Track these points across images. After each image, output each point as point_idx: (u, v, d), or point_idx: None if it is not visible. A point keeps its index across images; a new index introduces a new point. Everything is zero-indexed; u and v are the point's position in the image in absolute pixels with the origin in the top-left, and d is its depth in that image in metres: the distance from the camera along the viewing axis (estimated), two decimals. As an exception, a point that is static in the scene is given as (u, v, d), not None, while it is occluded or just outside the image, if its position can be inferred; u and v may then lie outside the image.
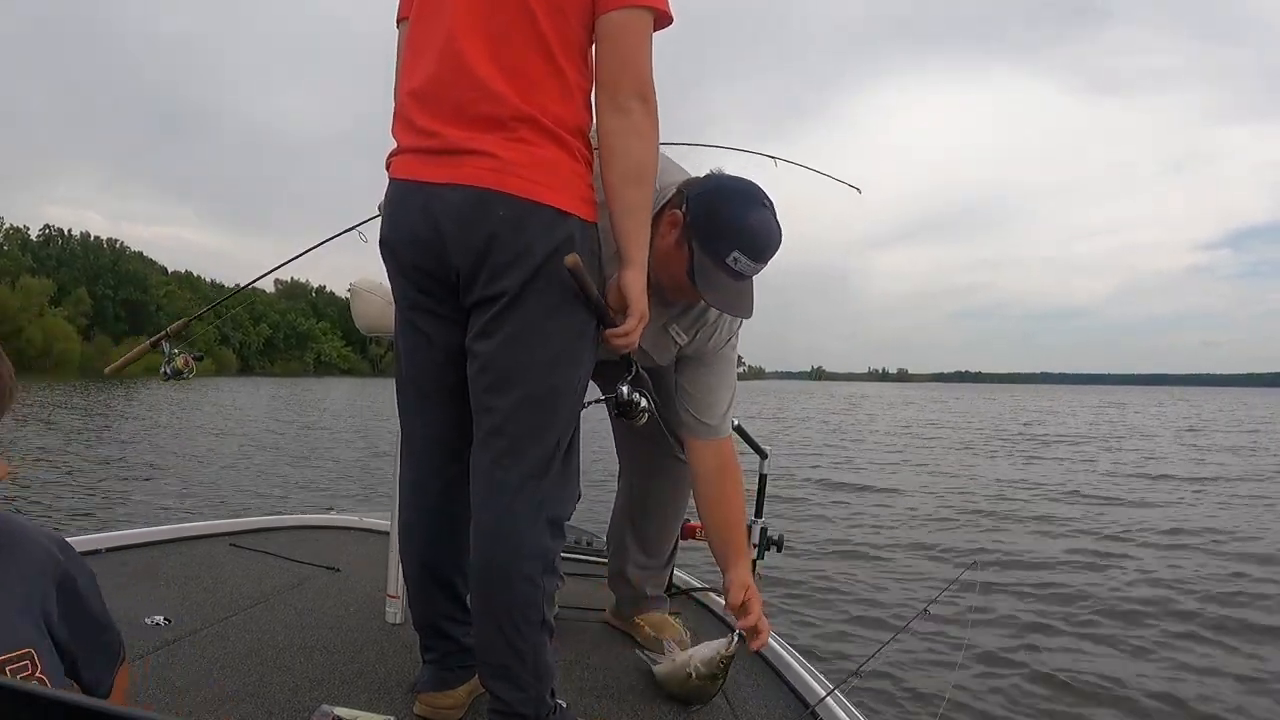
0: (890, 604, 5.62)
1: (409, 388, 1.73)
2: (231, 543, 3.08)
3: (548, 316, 1.54)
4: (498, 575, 1.57)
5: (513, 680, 1.58)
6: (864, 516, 9.27)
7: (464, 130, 1.51)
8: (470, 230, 1.51)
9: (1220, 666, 4.56)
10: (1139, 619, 5.39)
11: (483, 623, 1.60)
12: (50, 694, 0.37)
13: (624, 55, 1.52)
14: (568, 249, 1.50)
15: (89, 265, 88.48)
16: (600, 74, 1.54)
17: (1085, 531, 8.50)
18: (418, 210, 1.55)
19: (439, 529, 1.74)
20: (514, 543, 1.56)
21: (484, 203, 1.50)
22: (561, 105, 1.54)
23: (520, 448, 1.57)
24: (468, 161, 1.50)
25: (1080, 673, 4.40)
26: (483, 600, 1.60)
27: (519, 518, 1.57)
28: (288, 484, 10.74)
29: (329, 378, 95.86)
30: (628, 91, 1.51)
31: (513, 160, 1.49)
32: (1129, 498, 10.86)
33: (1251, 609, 5.65)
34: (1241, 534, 8.39)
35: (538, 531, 1.58)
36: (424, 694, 1.79)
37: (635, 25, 1.52)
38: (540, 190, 1.50)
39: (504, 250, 1.50)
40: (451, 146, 1.52)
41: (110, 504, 8.70)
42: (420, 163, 1.56)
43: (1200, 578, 6.51)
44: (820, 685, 2.02)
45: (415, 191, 1.56)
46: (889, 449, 18.51)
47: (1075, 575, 6.57)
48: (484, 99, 1.50)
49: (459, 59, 1.52)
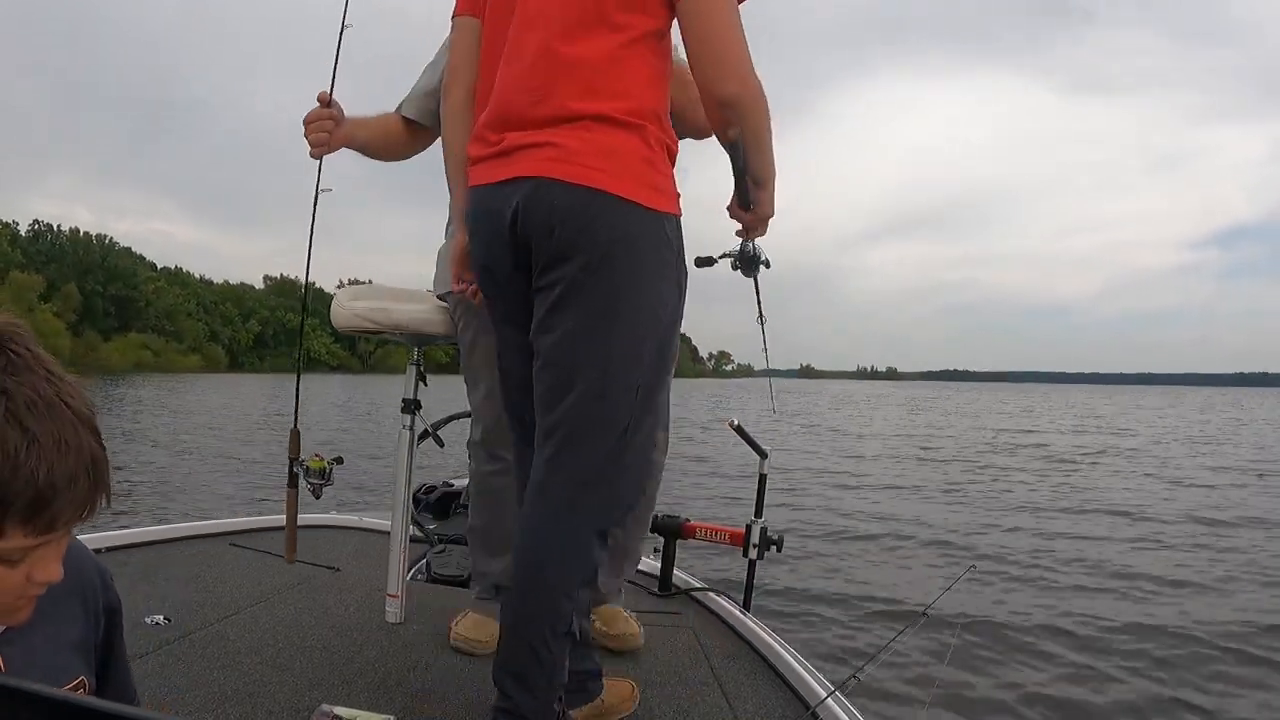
0: (890, 605, 5.62)
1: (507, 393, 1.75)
2: (231, 543, 3.06)
3: (605, 311, 1.49)
4: (535, 583, 1.53)
5: (527, 684, 1.53)
6: (864, 517, 9.28)
7: (531, 129, 1.50)
8: (529, 221, 1.50)
9: (1221, 667, 4.57)
10: (1139, 619, 5.41)
11: (510, 623, 1.57)
12: (50, 694, 0.36)
13: (710, 37, 1.46)
14: (630, 238, 1.47)
15: (78, 261, 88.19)
16: (690, 61, 1.48)
17: (1085, 531, 8.53)
18: (486, 213, 1.57)
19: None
20: (557, 553, 1.53)
21: (541, 191, 1.47)
22: (630, 91, 1.50)
23: (572, 450, 1.52)
24: (530, 154, 1.49)
25: (1080, 673, 4.41)
26: (516, 601, 1.56)
27: (563, 526, 1.53)
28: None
29: (318, 374, 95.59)
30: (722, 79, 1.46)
31: (574, 149, 1.46)
32: (1130, 499, 10.88)
33: (1254, 613, 5.66)
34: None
35: (583, 543, 1.54)
36: None
37: (717, 4, 1.47)
38: (599, 177, 1.46)
39: (561, 240, 1.47)
40: (517, 144, 1.51)
41: (119, 499, 8.65)
42: (489, 167, 1.57)
43: (1200, 580, 6.53)
44: (821, 686, 2.02)
45: (485, 195, 1.57)
46: (888, 449, 18.54)
47: (1075, 576, 6.58)
48: (547, 97, 1.49)
49: (523, 58, 1.52)
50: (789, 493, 10.60)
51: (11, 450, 0.72)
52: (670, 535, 2.78)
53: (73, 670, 0.94)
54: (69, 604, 0.95)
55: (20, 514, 0.74)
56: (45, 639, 0.91)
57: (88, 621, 0.98)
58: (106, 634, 1.01)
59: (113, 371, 70.48)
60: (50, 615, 0.92)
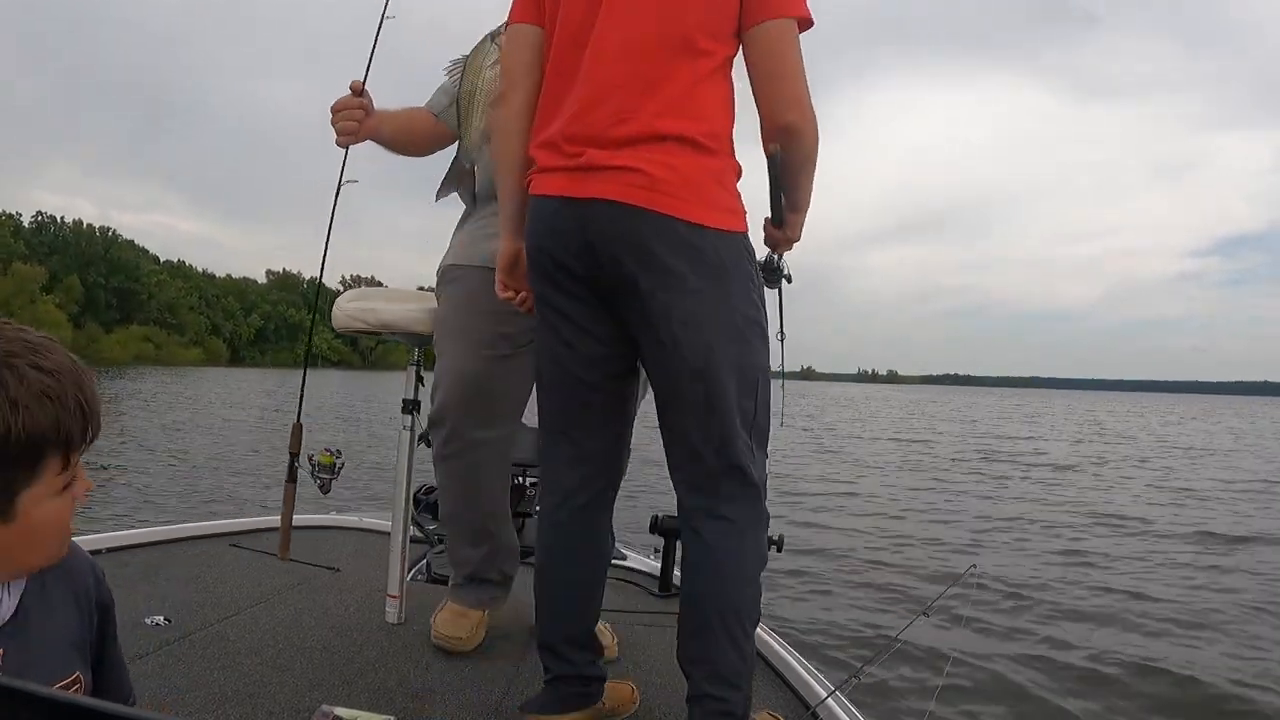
0: (890, 605, 5.63)
1: (555, 394, 1.75)
2: (231, 543, 3.06)
3: (699, 331, 1.55)
4: (734, 581, 1.59)
5: (737, 683, 1.58)
6: (864, 518, 9.29)
7: (612, 148, 1.54)
8: (612, 244, 1.54)
9: (1223, 670, 4.57)
10: (1138, 620, 5.42)
11: (706, 625, 1.59)
12: (50, 694, 0.36)
13: (777, 70, 1.56)
14: (719, 263, 1.54)
15: (80, 253, 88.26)
16: (754, 90, 1.57)
17: (1085, 534, 8.54)
18: (557, 227, 1.60)
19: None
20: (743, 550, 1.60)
21: (626, 217, 1.53)
22: (709, 115, 1.57)
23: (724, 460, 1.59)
24: (614, 176, 1.53)
25: (1080, 674, 4.42)
26: (712, 603, 1.59)
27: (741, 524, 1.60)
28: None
29: (320, 370, 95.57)
30: (785, 109, 1.56)
31: (659, 176, 1.51)
32: (1131, 506, 10.87)
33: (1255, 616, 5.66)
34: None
35: (760, 537, 1.64)
36: (537, 715, 1.75)
37: (785, 37, 1.55)
38: (684, 206, 1.52)
39: (649, 265, 1.53)
40: (598, 163, 1.55)
41: (109, 504, 8.65)
42: (565, 180, 1.59)
43: (1202, 583, 6.54)
44: (821, 686, 2.03)
45: (559, 208, 1.59)
46: (889, 452, 18.54)
47: (1075, 577, 6.59)
48: (632, 116, 1.53)
49: (605, 75, 1.56)
50: (789, 493, 10.60)
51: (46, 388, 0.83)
52: (670, 536, 2.79)
53: (69, 666, 0.95)
54: (63, 600, 0.96)
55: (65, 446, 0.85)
56: (42, 635, 0.92)
57: (82, 618, 0.99)
58: (100, 630, 1.02)
59: (114, 363, 70.51)
60: (46, 611, 0.93)
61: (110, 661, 1.05)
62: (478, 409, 2.11)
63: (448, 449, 2.15)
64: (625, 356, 1.69)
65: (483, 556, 2.22)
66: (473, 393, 2.10)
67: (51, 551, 0.91)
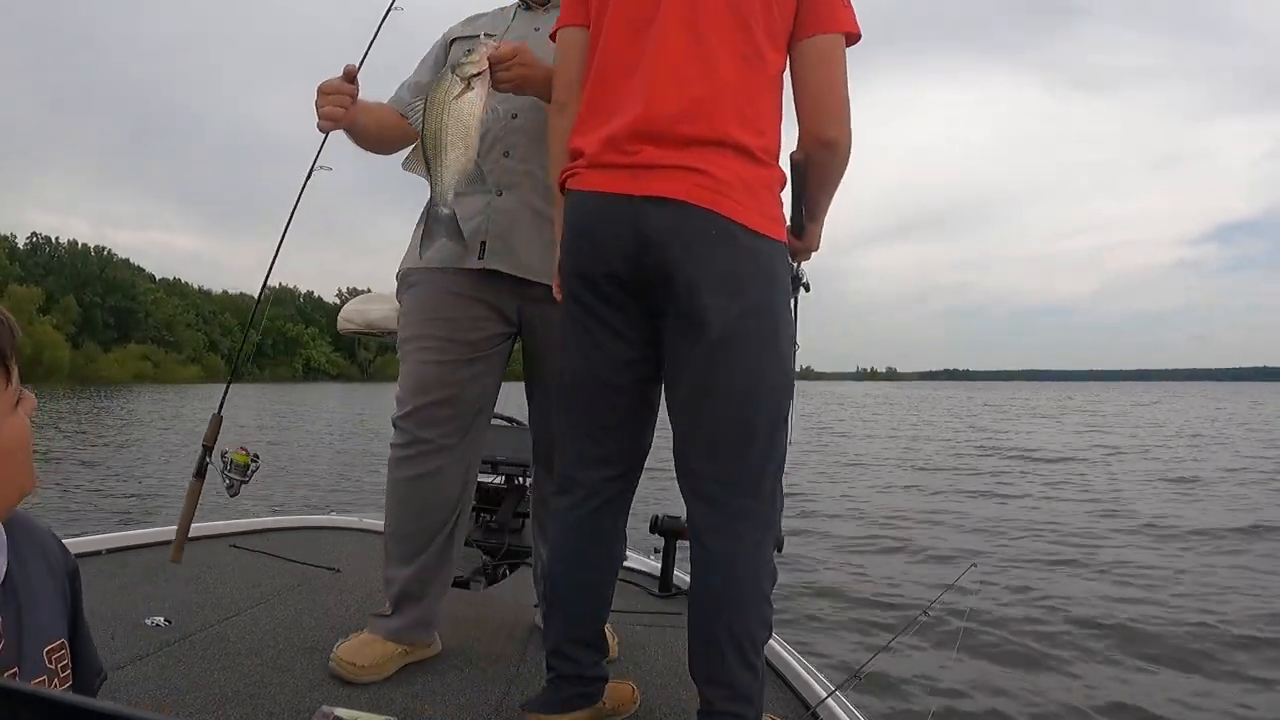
0: (890, 606, 5.61)
1: (580, 395, 1.73)
2: (231, 543, 3.07)
3: (749, 341, 1.55)
4: (748, 596, 1.58)
5: (749, 697, 1.58)
6: (864, 517, 9.27)
7: (673, 148, 1.54)
8: (669, 242, 1.53)
9: (1234, 666, 4.57)
10: (1138, 622, 5.38)
11: (716, 642, 1.57)
12: (50, 694, 0.37)
13: (825, 84, 1.59)
14: (770, 272, 1.57)
15: (76, 273, 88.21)
16: (799, 101, 1.60)
17: (1088, 529, 8.52)
18: (609, 221, 1.58)
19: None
20: (756, 564, 1.59)
21: (689, 217, 1.51)
22: (767, 129, 1.59)
23: (739, 466, 1.59)
24: (674, 175, 1.53)
25: (1079, 675, 4.40)
26: (726, 617, 1.57)
27: (755, 536, 1.58)
28: (287, 484, 10.68)
29: (318, 383, 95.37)
30: (829, 123, 1.59)
31: (723, 179, 1.52)
32: (1132, 503, 10.83)
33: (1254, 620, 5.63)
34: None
35: (769, 551, 1.62)
36: (539, 714, 1.74)
37: (835, 51, 1.58)
38: (745, 213, 1.53)
39: (706, 267, 1.52)
40: (657, 161, 1.54)
41: (108, 505, 8.64)
42: (617, 177, 1.57)
43: (1200, 584, 6.49)
44: (821, 686, 2.03)
45: (610, 204, 1.58)
46: (887, 451, 18.51)
47: (1074, 578, 6.56)
48: (703, 116, 1.53)
49: (671, 73, 1.55)
50: (789, 494, 10.53)
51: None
52: (670, 536, 2.79)
53: (57, 631, 0.97)
54: (38, 566, 0.98)
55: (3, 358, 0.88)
56: (31, 598, 0.94)
57: (56, 584, 1.00)
58: (75, 599, 1.04)
59: (113, 382, 70.40)
60: (27, 576, 0.95)
61: (82, 630, 1.06)
62: (437, 416, 2.05)
63: (404, 454, 2.07)
64: (655, 361, 1.67)
65: (411, 575, 2.07)
66: (432, 399, 2.04)
67: (22, 478, 0.91)
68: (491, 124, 2.04)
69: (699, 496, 1.61)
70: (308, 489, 10.18)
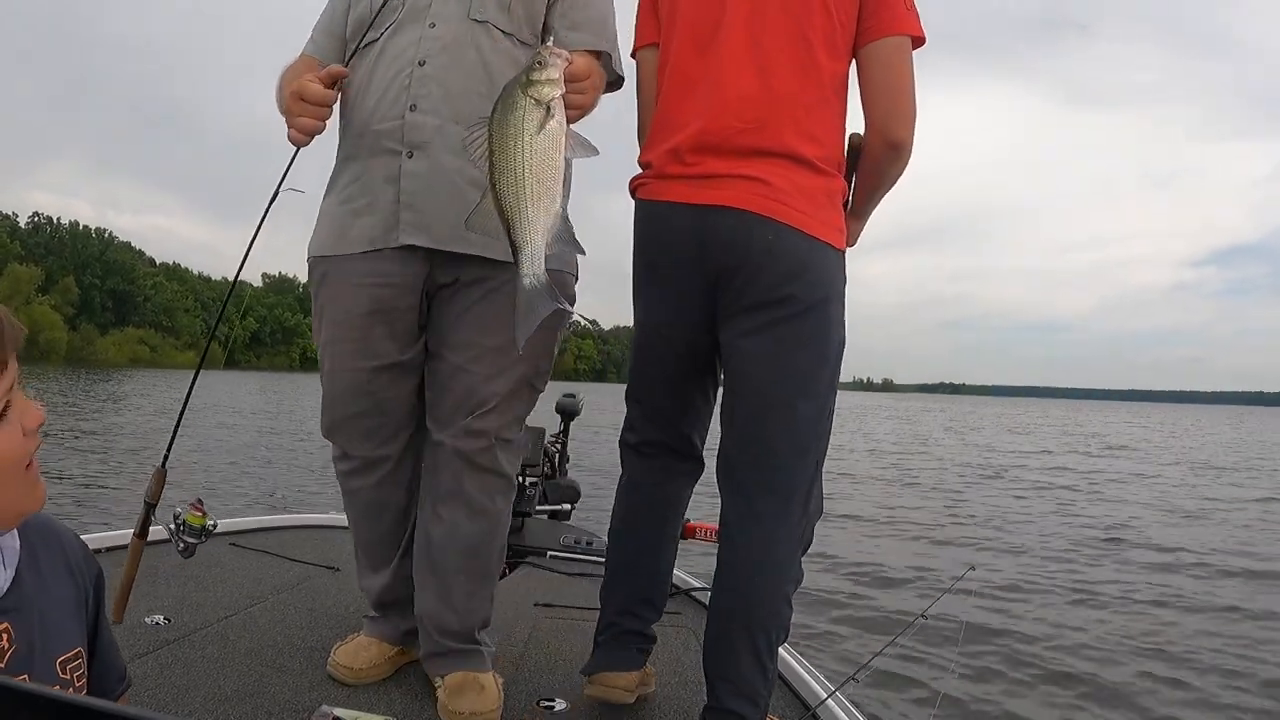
0: (889, 607, 5.64)
1: (643, 385, 1.83)
2: (231, 543, 3.04)
3: (799, 344, 1.59)
4: (769, 595, 1.61)
5: (756, 700, 1.61)
6: (863, 519, 9.30)
7: (734, 158, 1.59)
8: (732, 250, 1.58)
9: (1223, 671, 4.59)
10: (1136, 625, 5.43)
11: (732, 641, 1.61)
12: (50, 694, 0.36)
13: (894, 86, 1.62)
14: (830, 280, 1.60)
15: (77, 254, 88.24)
16: (869, 105, 1.63)
17: (1083, 539, 8.56)
18: (675, 228, 1.64)
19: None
20: (778, 566, 1.62)
21: (749, 225, 1.56)
22: (825, 138, 1.62)
23: (772, 469, 1.62)
24: (736, 185, 1.58)
25: (1077, 675, 4.42)
26: (743, 618, 1.60)
27: (780, 539, 1.61)
28: (287, 484, 10.66)
29: (313, 373, 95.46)
30: (898, 125, 1.62)
31: (782, 188, 1.56)
32: (1126, 514, 10.87)
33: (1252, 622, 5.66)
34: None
35: (794, 552, 1.65)
36: (598, 673, 1.81)
37: (901, 54, 1.61)
38: (806, 220, 1.57)
39: (771, 274, 1.57)
40: (719, 172, 1.60)
41: (106, 503, 8.61)
42: (682, 187, 1.63)
43: (1200, 590, 6.54)
44: (821, 686, 2.02)
45: (675, 212, 1.64)
46: (886, 456, 18.54)
47: (1074, 581, 6.60)
48: (758, 128, 1.58)
49: (732, 86, 1.61)
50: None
51: None
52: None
53: (71, 640, 0.94)
54: (57, 572, 0.96)
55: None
56: (44, 606, 0.91)
57: (78, 591, 0.98)
58: (97, 605, 1.02)
59: (109, 366, 70.39)
60: (42, 582, 0.93)
61: (104, 635, 1.04)
62: (364, 428, 1.86)
63: (343, 468, 1.93)
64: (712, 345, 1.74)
65: (386, 582, 1.97)
66: (360, 408, 1.84)
67: (14, 498, 0.86)
68: (398, 72, 1.73)
69: (734, 491, 1.65)
70: (304, 491, 10.14)
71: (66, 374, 44.33)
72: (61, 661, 0.91)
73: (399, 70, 1.73)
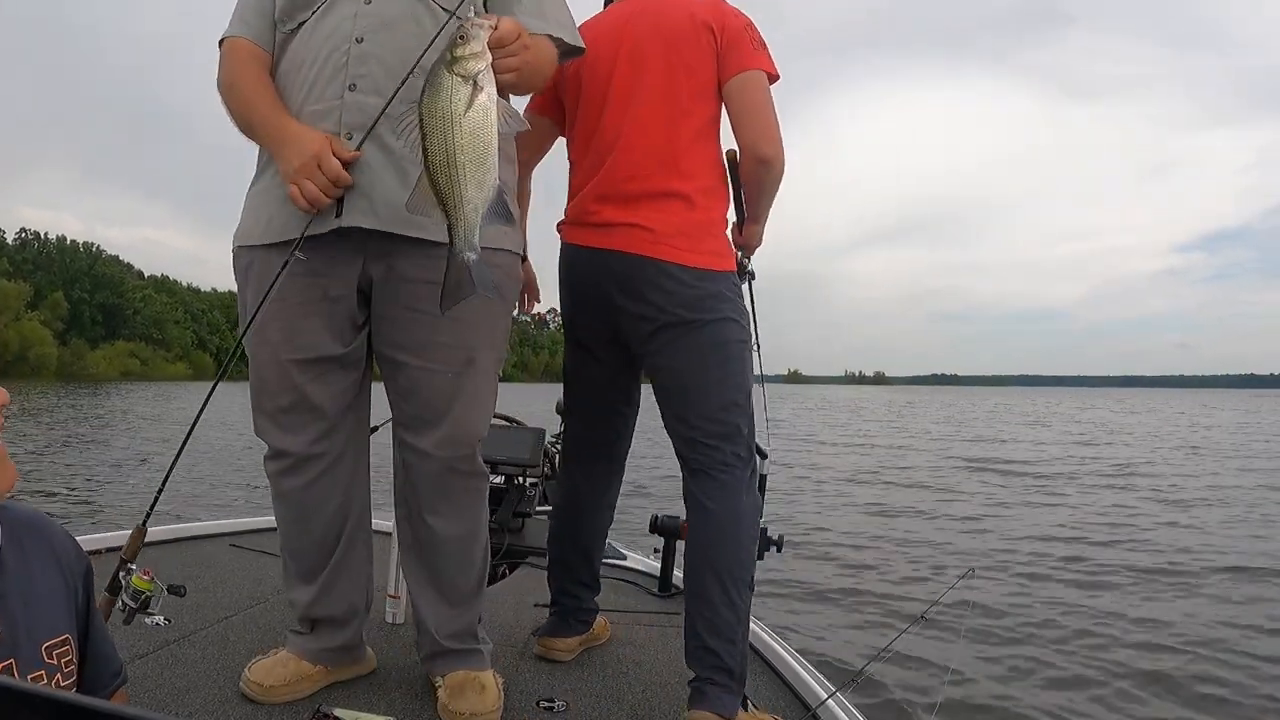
0: (890, 606, 5.64)
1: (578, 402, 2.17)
2: (231, 543, 3.04)
3: (701, 353, 1.89)
4: (735, 545, 1.85)
5: (733, 640, 1.79)
6: (864, 519, 9.31)
7: (621, 206, 1.91)
8: (626, 288, 1.90)
9: (1232, 673, 4.57)
10: (1136, 624, 5.40)
11: (704, 584, 1.82)
12: (51, 694, 0.36)
13: (753, 112, 1.91)
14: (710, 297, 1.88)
15: (65, 269, 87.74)
16: (736, 130, 1.92)
17: (1083, 536, 8.53)
18: (584, 271, 1.98)
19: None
20: (742, 519, 1.88)
21: (639, 266, 1.88)
22: (699, 172, 1.93)
23: (725, 444, 1.89)
24: (624, 233, 1.90)
25: (1077, 675, 4.42)
26: (718, 568, 1.82)
27: (743, 498, 1.88)
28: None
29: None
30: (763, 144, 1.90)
31: (661, 231, 1.88)
32: (1132, 510, 10.85)
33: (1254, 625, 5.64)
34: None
35: (755, 506, 1.94)
36: (543, 638, 2.16)
37: (754, 84, 1.91)
38: (686, 255, 1.87)
39: (658, 303, 1.87)
40: (611, 220, 1.92)
41: (105, 504, 8.58)
42: (588, 233, 1.96)
43: (1199, 588, 6.51)
44: (821, 687, 2.03)
45: (584, 256, 1.98)
46: (886, 453, 18.54)
47: (1075, 578, 6.59)
48: (640, 174, 1.91)
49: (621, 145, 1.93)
50: (789, 494, 10.59)
51: None
52: (670, 536, 2.77)
53: (57, 626, 0.95)
54: (43, 561, 0.97)
55: None
56: (25, 589, 0.92)
57: (68, 585, 0.99)
58: (88, 599, 1.03)
59: (100, 379, 70.04)
60: (25, 567, 0.94)
61: (96, 630, 1.05)
62: (292, 423, 1.77)
63: (273, 467, 1.82)
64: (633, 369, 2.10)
65: (316, 595, 1.85)
66: (288, 404, 1.75)
67: None
68: (333, 51, 1.63)
69: (686, 445, 1.91)
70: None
71: (57, 389, 44.05)
72: (48, 647, 0.92)
73: (334, 48, 1.63)
